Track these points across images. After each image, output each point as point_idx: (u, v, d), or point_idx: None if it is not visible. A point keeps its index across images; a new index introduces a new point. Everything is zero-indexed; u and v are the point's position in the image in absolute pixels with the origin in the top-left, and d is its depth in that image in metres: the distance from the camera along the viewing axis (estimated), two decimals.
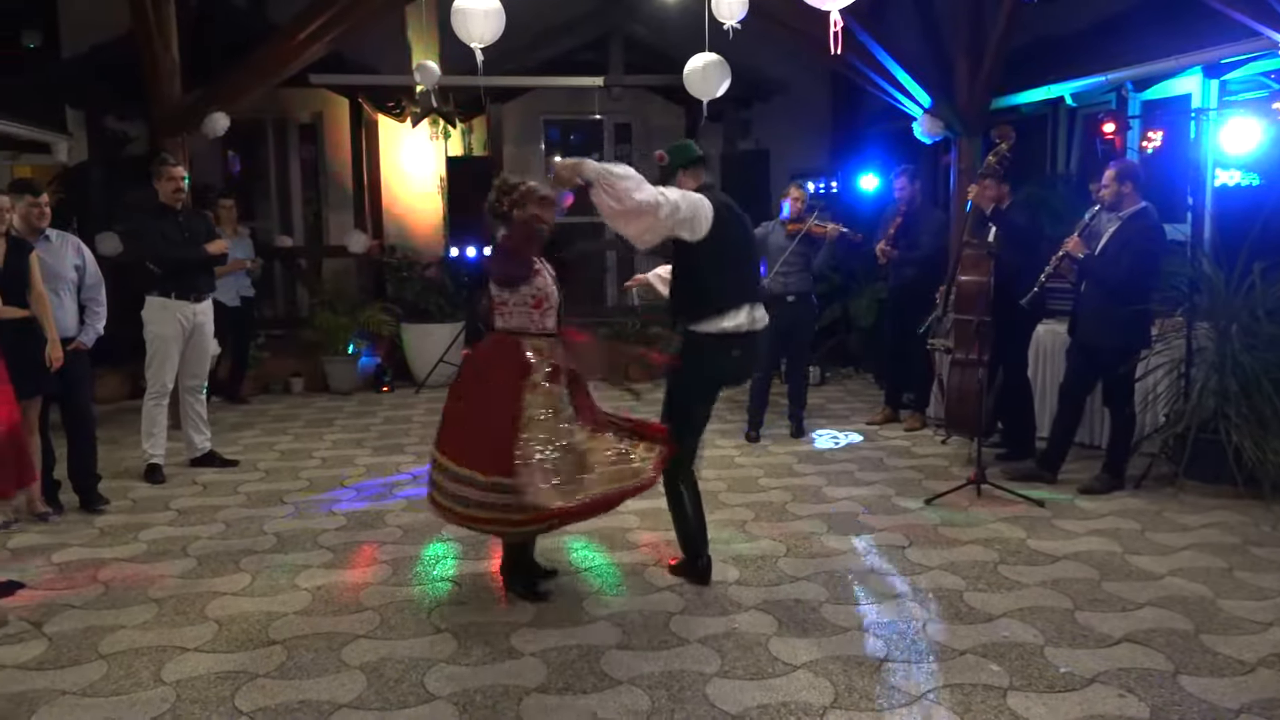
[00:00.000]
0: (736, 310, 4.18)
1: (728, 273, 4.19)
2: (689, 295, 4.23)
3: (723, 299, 4.17)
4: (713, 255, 4.15)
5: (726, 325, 4.16)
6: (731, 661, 3.64)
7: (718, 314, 4.16)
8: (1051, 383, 6.61)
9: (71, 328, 5.48)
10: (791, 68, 10.29)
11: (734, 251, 4.23)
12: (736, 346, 4.24)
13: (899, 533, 5.07)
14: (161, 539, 5.12)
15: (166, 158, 6.48)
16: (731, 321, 4.17)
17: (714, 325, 4.16)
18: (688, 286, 4.24)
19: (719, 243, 4.14)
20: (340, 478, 6.28)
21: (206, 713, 3.31)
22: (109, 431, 7.30)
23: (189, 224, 6.36)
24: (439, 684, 3.49)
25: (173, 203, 6.26)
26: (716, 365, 4.28)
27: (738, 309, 4.18)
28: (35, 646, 3.83)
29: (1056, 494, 5.66)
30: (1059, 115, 9.04)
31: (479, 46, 6.65)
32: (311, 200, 11.50)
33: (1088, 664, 3.58)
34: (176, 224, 6.26)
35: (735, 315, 4.17)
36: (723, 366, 4.30)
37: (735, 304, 4.17)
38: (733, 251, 4.22)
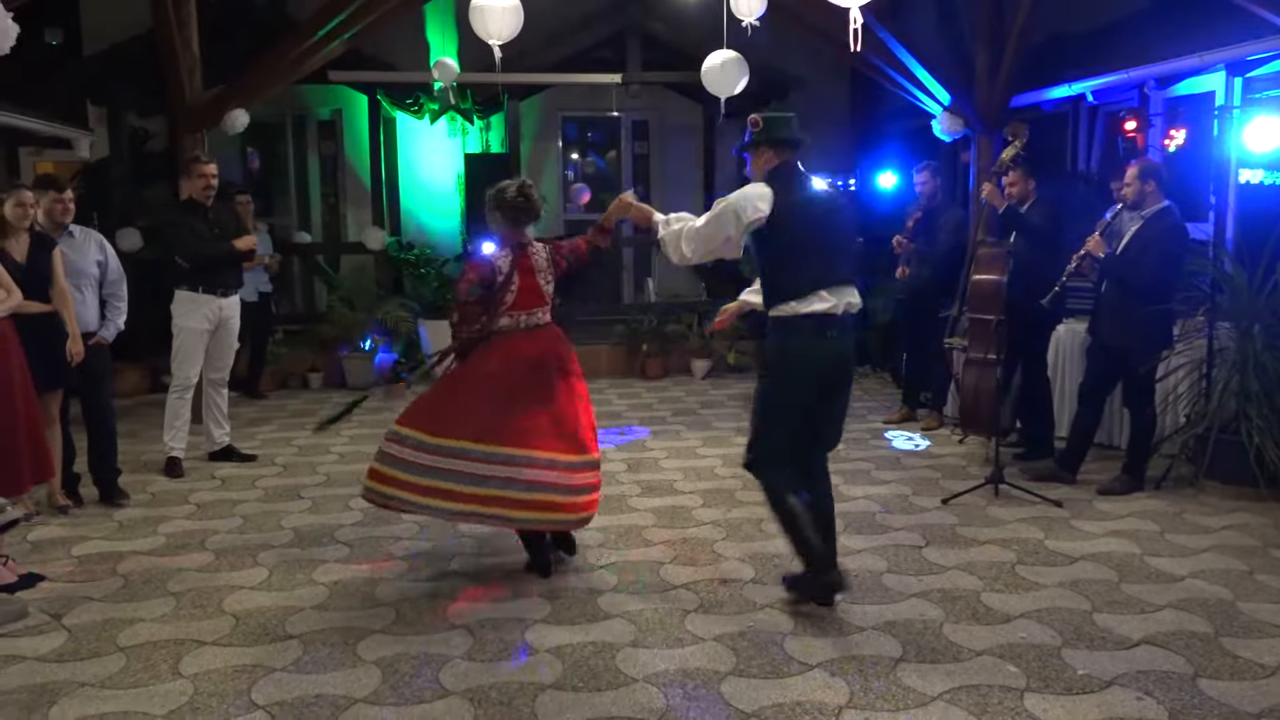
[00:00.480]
0: (816, 294, 3.90)
1: (801, 257, 3.92)
2: (766, 283, 4.06)
3: (798, 283, 3.91)
4: (781, 240, 3.92)
5: (812, 308, 3.89)
6: (746, 660, 3.63)
7: (797, 297, 3.90)
8: (1071, 382, 6.56)
9: (93, 323, 5.53)
10: (810, 65, 10.26)
11: (809, 239, 3.93)
12: (832, 328, 3.93)
13: (916, 532, 5.05)
14: (180, 533, 5.16)
15: (199, 155, 6.59)
16: (818, 305, 3.89)
17: (795, 308, 3.91)
18: (765, 275, 4.06)
19: (785, 229, 3.90)
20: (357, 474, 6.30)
21: (224, 706, 3.33)
22: (129, 425, 7.36)
23: (219, 220, 6.43)
24: (454, 680, 3.50)
25: (203, 199, 6.33)
26: (804, 350, 3.94)
27: (817, 292, 3.90)
28: (55, 638, 3.86)
29: (1075, 494, 5.61)
30: (1080, 113, 8.97)
31: (497, 44, 6.65)
32: (330, 197, 11.56)
33: (1106, 666, 3.55)
34: (206, 220, 6.33)
35: (817, 299, 3.89)
36: (811, 351, 3.93)
37: (814, 287, 3.90)
38: (807, 239, 3.92)
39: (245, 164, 11.40)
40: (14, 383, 4.41)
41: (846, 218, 4.17)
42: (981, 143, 8.21)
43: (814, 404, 4.01)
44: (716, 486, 5.92)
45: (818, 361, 3.96)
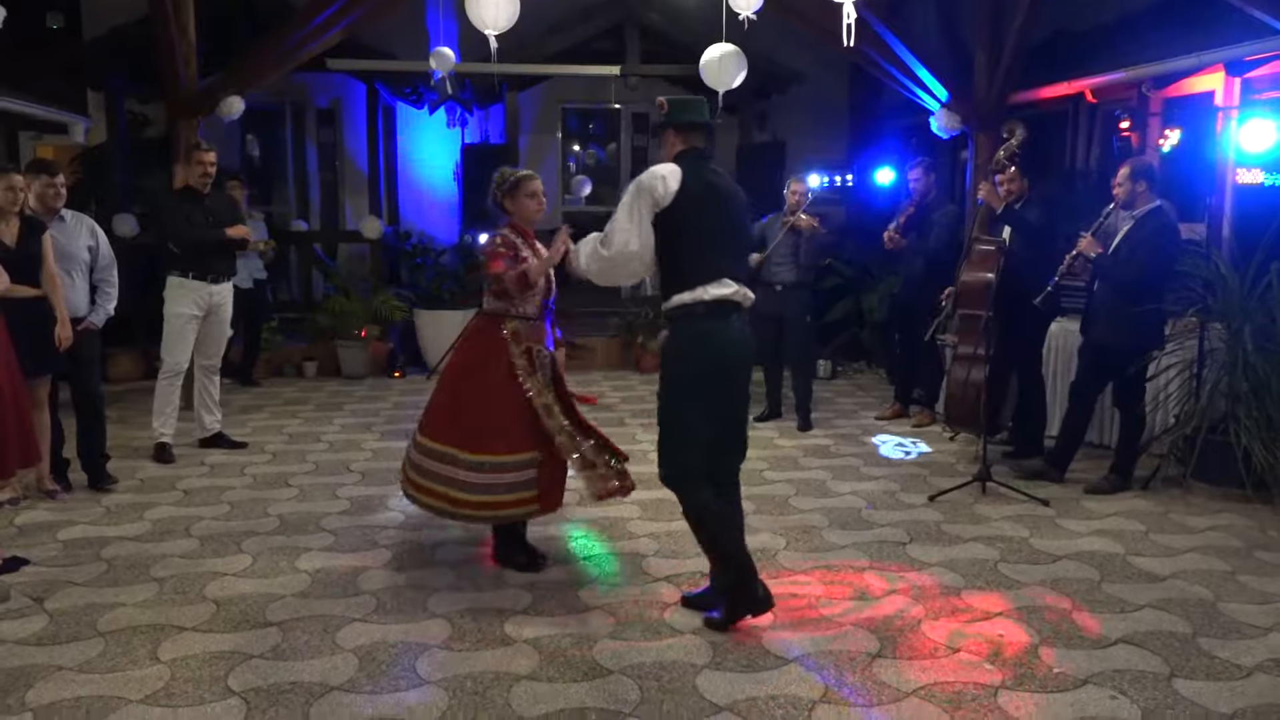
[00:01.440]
0: (720, 280, 3.73)
1: (705, 243, 3.75)
2: (667, 270, 3.81)
3: (703, 269, 3.73)
4: (687, 224, 3.72)
5: (717, 293, 3.72)
6: (723, 654, 3.64)
7: (700, 284, 3.71)
8: (1063, 381, 6.56)
9: (83, 308, 5.53)
10: (809, 60, 10.24)
11: (712, 224, 3.76)
12: (735, 314, 3.78)
13: (901, 529, 5.05)
14: (166, 519, 5.17)
15: (200, 142, 6.60)
16: (722, 290, 3.73)
17: (698, 294, 3.71)
18: (666, 262, 3.80)
19: (691, 212, 3.70)
20: (346, 462, 6.32)
21: (199, 691, 3.34)
22: (120, 411, 7.38)
23: (214, 207, 6.43)
24: (430, 669, 3.51)
25: (200, 187, 6.34)
26: (709, 337, 3.74)
27: (721, 279, 3.73)
28: (36, 622, 3.87)
29: (1063, 493, 5.61)
30: (1078, 111, 8.95)
31: (493, 33, 6.65)
32: (328, 185, 11.56)
33: (1082, 664, 3.55)
34: (201, 206, 6.33)
35: (721, 285, 3.73)
36: (716, 337, 3.74)
37: (718, 275, 3.73)
38: (711, 224, 3.76)
39: (244, 151, 11.40)
40: (0, 367, 4.42)
41: (745, 210, 3.97)
42: (980, 140, 8.18)
43: (722, 400, 3.81)
44: None
45: (723, 349, 3.76)
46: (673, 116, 3.89)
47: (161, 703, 3.27)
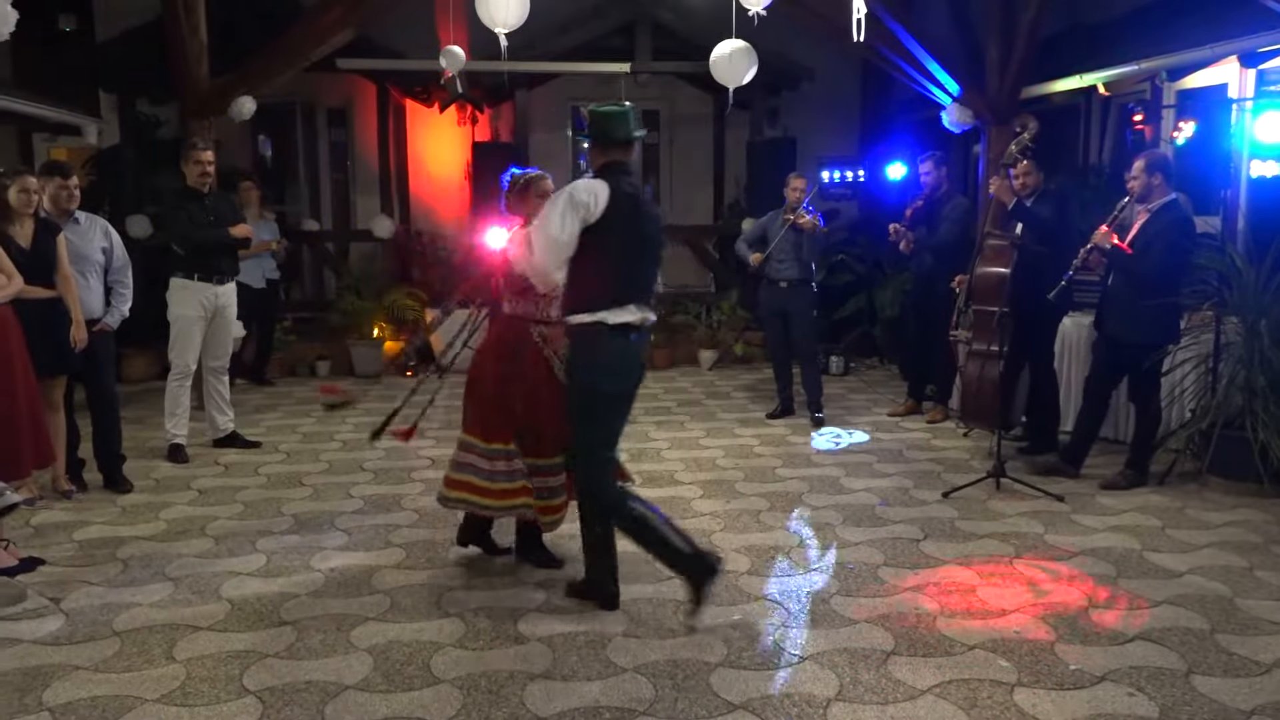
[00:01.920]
0: (626, 308, 3.77)
1: (618, 264, 3.77)
2: (576, 286, 3.80)
3: (612, 292, 3.76)
4: (605, 244, 3.71)
5: (620, 319, 3.76)
6: (737, 651, 3.63)
7: (607, 308, 3.75)
8: (1077, 376, 6.53)
9: (97, 309, 5.56)
10: (820, 55, 10.20)
11: (631, 243, 3.78)
12: (634, 331, 3.82)
13: (915, 525, 5.03)
14: (181, 518, 5.19)
15: (196, 141, 6.52)
16: (626, 317, 3.77)
17: (604, 318, 3.76)
18: (576, 277, 3.78)
19: (614, 230, 3.71)
20: (359, 461, 6.34)
21: (214, 691, 3.35)
22: (135, 411, 7.42)
23: (215, 207, 6.40)
24: (445, 667, 3.51)
25: (199, 185, 6.30)
26: (616, 355, 3.81)
27: (627, 306, 3.77)
28: (52, 622, 3.89)
29: (1078, 489, 5.58)
30: (1091, 105, 8.89)
31: (503, 31, 6.65)
32: (340, 184, 11.59)
33: (1099, 662, 3.53)
34: (203, 206, 6.31)
35: (626, 312, 3.77)
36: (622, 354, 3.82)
37: (625, 300, 3.77)
38: (630, 243, 3.78)
39: (255, 151, 11.43)
40: (14, 368, 4.45)
41: (661, 230, 3.99)
42: (992, 134, 8.14)
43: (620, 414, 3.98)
44: (717, 478, 5.91)
45: (628, 364, 3.87)
46: (594, 132, 3.86)
47: (177, 702, 3.28)
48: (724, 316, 9.98)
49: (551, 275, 3.78)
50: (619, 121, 3.85)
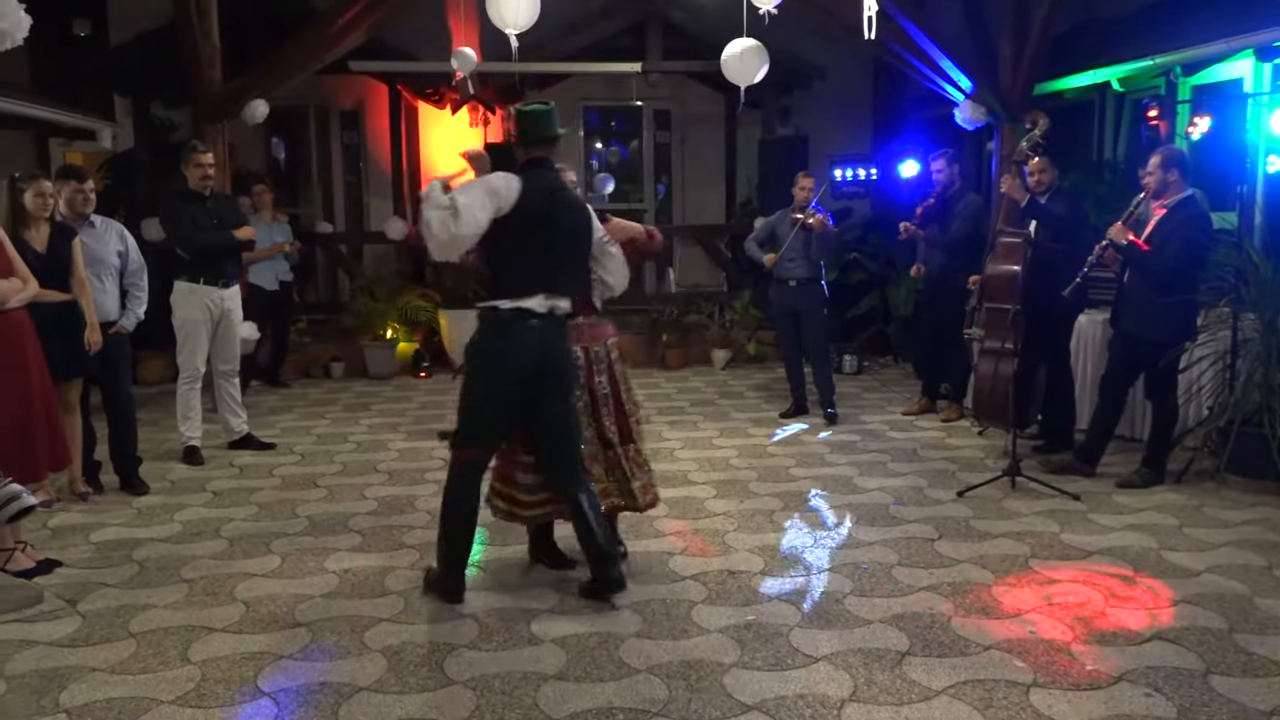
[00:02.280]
0: (534, 297, 3.90)
1: (530, 255, 3.91)
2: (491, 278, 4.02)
3: (519, 285, 3.90)
4: (514, 238, 3.88)
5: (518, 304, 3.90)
6: (751, 652, 3.62)
7: (514, 295, 3.90)
8: (1093, 374, 6.49)
9: (113, 312, 5.58)
10: (832, 53, 10.17)
11: (540, 236, 3.91)
12: (533, 318, 3.90)
13: (929, 525, 5.01)
14: (196, 520, 5.21)
15: (196, 144, 6.49)
16: (526, 303, 3.90)
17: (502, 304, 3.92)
18: (491, 268, 4.03)
19: (522, 223, 3.86)
20: (374, 463, 6.35)
21: (229, 692, 3.37)
22: (151, 413, 7.45)
23: (218, 209, 6.40)
24: (458, 669, 3.51)
25: (201, 188, 6.28)
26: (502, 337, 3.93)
27: (535, 296, 3.90)
28: (69, 624, 3.91)
29: (1094, 487, 5.55)
30: (1106, 101, 8.84)
31: (513, 32, 6.65)
32: (353, 187, 11.61)
33: (1115, 662, 3.51)
34: (205, 209, 6.30)
35: (532, 300, 3.90)
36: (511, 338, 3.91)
37: (532, 292, 3.90)
38: (540, 235, 3.91)
39: (269, 154, 11.47)
40: (30, 371, 4.47)
41: (584, 227, 4.10)
42: (1005, 131, 8.10)
43: (520, 397, 3.96)
44: (730, 478, 5.90)
45: (518, 349, 3.91)
46: (519, 131, 4.04)
47: (192, 704, 3.29)
48: (737, 316, 9.97)
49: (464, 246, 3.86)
50: (543, 121, 4.04)
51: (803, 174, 7.32)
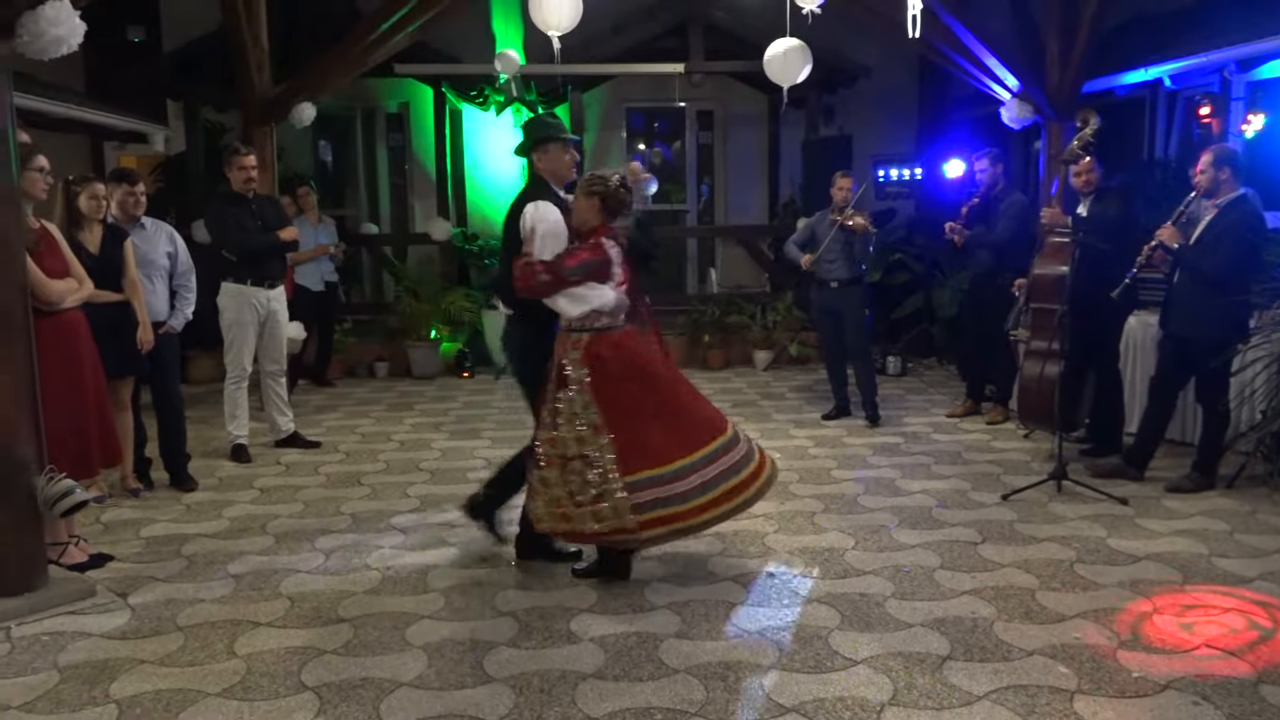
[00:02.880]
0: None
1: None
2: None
3: None
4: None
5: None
6: (790, 654, 3.60)
7: None
8: (1142, 376, 6.38)
9: (162, 312, 5.70)
10: (876, 52, 10.10)
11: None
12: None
13: (973, 528, 4.95)
14: (244, 516, 5.30)
15: (238, 146, 6.57)
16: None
17: None
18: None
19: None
20: (416, 462, 6.41)
21: (274, 686, 3.42)
22: (200, 412, 7.59)
23: (261, 211, 6.49)
24: (497, 666, 3.54)
25: (244, 191, 6.36)
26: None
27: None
28: (120, 616, 4.00)
29: (1143, 492, 5.45)
30: (1157, 98, 8.68)
31: (556, 34, 6.68)
32: (398, 188, 11.74)
33: (1163, 669, 3.44)
34: (249, 211, 6.39)
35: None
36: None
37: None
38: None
39: (316, 156, 11.63)
40: (84, 370, 4.58)
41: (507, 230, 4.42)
42: (1052, 130, 7.99)
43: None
44: None
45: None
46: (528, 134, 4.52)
47: (238, 696, 3.35)
48: (779, 317, 9.92)
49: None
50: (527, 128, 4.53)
51: (840, 174, 7.27)
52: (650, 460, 4.07)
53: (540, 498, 4.18)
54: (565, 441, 4.11)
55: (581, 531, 4.14)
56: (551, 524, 4.19)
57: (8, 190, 3.94)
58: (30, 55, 3.94)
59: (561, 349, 4.21)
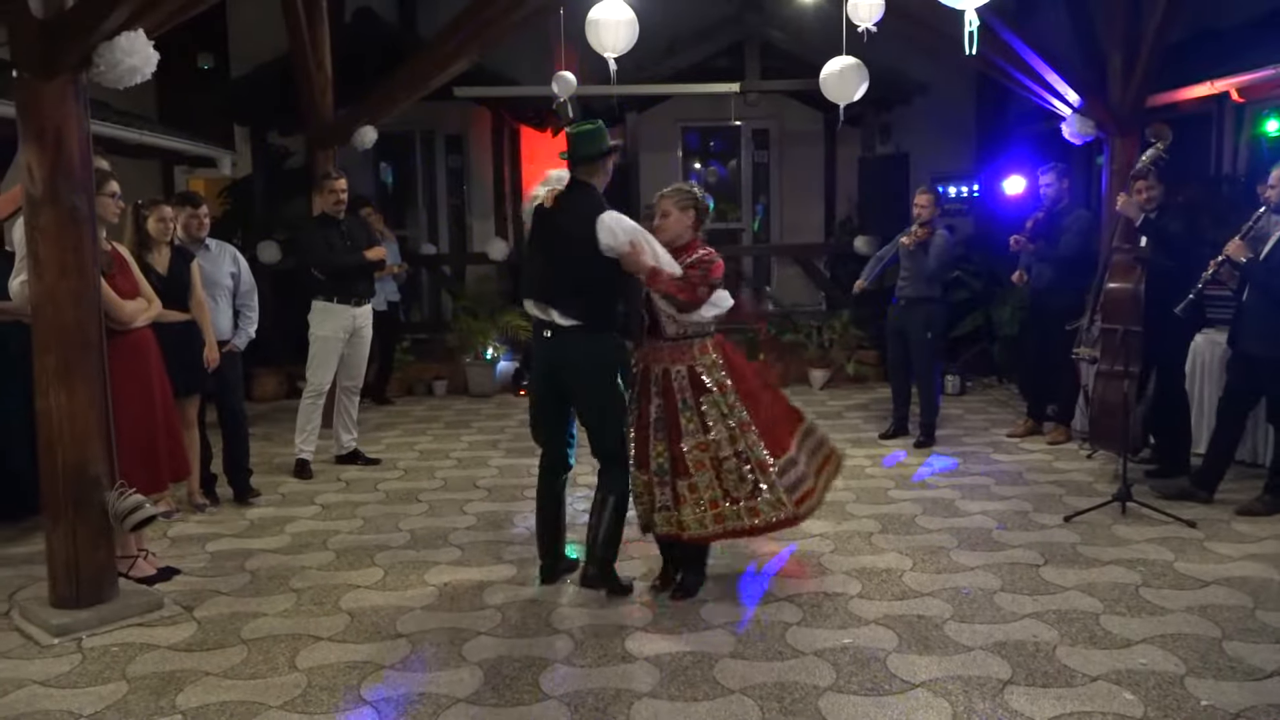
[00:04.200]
0: (525, 301, 4.43)
1: (523, 266, 4.67)
2: None
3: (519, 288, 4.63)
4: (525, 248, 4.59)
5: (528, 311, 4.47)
6: (847, 676, 3.57)
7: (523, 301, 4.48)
8: (1210, 395, 6.22)
9: (226, 331, 5.85)
10: (933, 69, 10.01)
11: (530, 249, 4.47)
12: (536, 330, 4.42)
13: (1034, 550, 4.87)
14: (305, 532, 5.40)
15: (330, 171, 6.88)
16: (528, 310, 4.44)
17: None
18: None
19: (528, 238, 4.50)
20: (473, 479, 6.48)
21: (333, 700, 3.47)
22: (264, 428, 7.75)
23: (351, 232, 6.71)
24: (552, 684, 3.55)
25: (335, 213, 6.62)
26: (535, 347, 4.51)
27: (526, 300, 4.43)
28: (186, 629, 4.09)
29: (1211, 514, 5.31)
30: (1224, 112, 8.49)
31: (612, 56, 6.74)
32: (456, 209, 11.90)
33: (1234, 698, 3.35)
34: (340, 232, 6.62)
35: (527, 305, 4.43)
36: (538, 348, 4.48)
37: (524, 295, 4.45)
38: (529, 249, 4.48)
39: (377, 178, 11.85)
40: (153, 387, 4.71)
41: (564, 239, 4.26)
42: (1115, 145, 7.84)
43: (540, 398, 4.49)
44: (828, 499, 5.79)
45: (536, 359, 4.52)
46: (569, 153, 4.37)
47: (299, 709, 3.41)
48: (836, 335, 9.86)
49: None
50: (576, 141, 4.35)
51: (920, 190, 7.25)
52: (783, 444, 4.32)
53: (688, 506, 4.20)
54: (718, 443, 4.20)
55: (736, 529, 4.22)
56: (702, 529, 4.22)
57: (85, 215, 4.07)
58: (106, 84, 4.08)
59: (681, 355, 4.26)
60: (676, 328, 4.26)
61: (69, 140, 4.00)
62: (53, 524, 4.15)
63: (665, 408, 4.25)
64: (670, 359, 4.27)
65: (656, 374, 4.29)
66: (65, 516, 4.12)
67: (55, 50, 3.93)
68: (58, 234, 4.01)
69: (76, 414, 4.08)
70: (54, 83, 3.95)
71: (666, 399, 4.25)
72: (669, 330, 4.27)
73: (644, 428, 4.28)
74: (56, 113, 3.97)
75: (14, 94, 4.05)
